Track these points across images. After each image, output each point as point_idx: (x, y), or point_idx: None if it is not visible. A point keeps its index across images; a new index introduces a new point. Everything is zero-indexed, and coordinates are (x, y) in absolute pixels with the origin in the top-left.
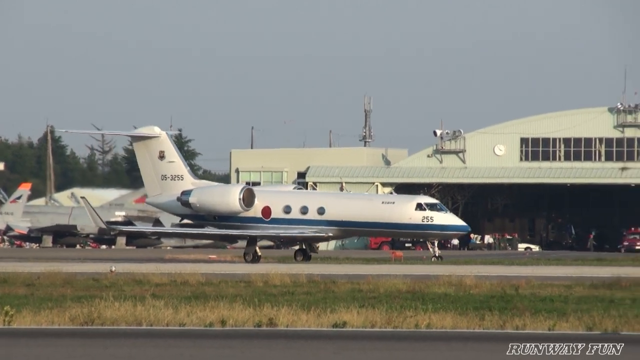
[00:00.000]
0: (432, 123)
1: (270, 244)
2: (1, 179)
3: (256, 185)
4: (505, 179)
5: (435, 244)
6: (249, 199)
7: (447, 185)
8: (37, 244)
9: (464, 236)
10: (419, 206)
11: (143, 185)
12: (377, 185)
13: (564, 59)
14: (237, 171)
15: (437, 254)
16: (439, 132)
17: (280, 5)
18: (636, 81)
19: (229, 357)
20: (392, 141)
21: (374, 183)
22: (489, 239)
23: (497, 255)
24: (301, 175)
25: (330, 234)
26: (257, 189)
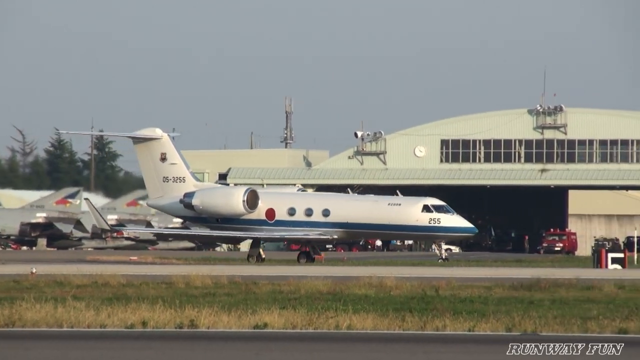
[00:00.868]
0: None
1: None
2: None
3: None
4: (425, 181)
5: (442, 245)
6: (252, 200)
7: (367, 186)
8: None
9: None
10: (425, 208)
11: (63, 186)
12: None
13: (483, 61)
14: None
15: (443, 256)
16: (359, 134)
17: (200, 4)
18: (555, 83)
19: (150, 359)
20: (313, 143)
21: (295, 185)
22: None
23: (418, 257)
24: (222, 176)
25: (336, 236)
26: (261, 191)
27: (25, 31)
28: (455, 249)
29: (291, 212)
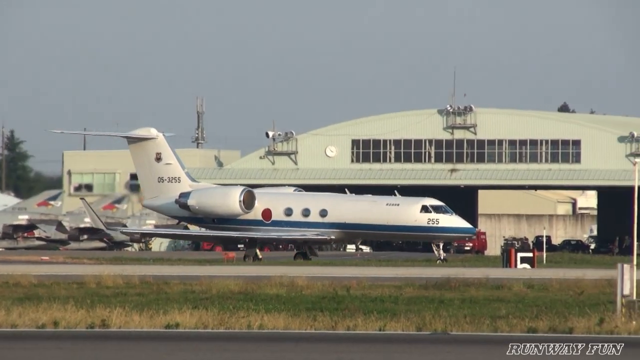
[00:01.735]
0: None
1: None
2: None
3: (89, 188)
4: (336, 181)
5: (440, 246)
6: (249, 201)
7: (279, 186)
8: None
9: None
10: (424, 208)
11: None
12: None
13: (394, 61)
14: (69, 173)
15: (442, 257)
16: (271, 134)
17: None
18: (465, 83)
19: (62, 359)
20: (224, 142)
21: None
22: None
23: (329, 256)
24: (134, 177)
25: (333, 237)
26: (258, 191)
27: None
28: (366, 249)
29: (288, 212)
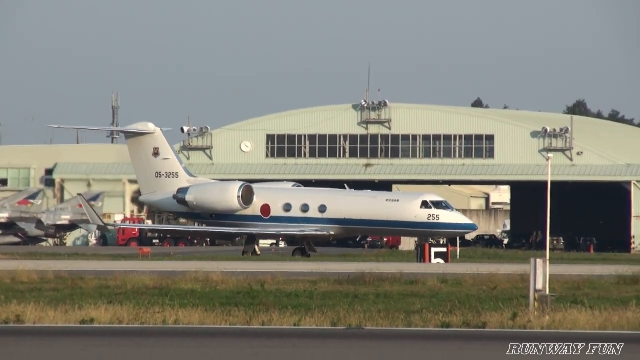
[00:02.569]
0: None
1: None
2: None
3: (3, 183)
4: (251, 176)
5: (441, 243)
6: (247, 196)
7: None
8: None
9: None
10: (424, 204)
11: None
12: (124, 183)
13: (309, 57)
14: None
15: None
16: (186, 129)
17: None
18: (380, 78)
19: None
20: None
21: (121, 180)
22: None
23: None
24: (49, 172)
25: (332, 233)
26: (257, 187)
27: None
28: (282, 244)
29: (287, 208)
